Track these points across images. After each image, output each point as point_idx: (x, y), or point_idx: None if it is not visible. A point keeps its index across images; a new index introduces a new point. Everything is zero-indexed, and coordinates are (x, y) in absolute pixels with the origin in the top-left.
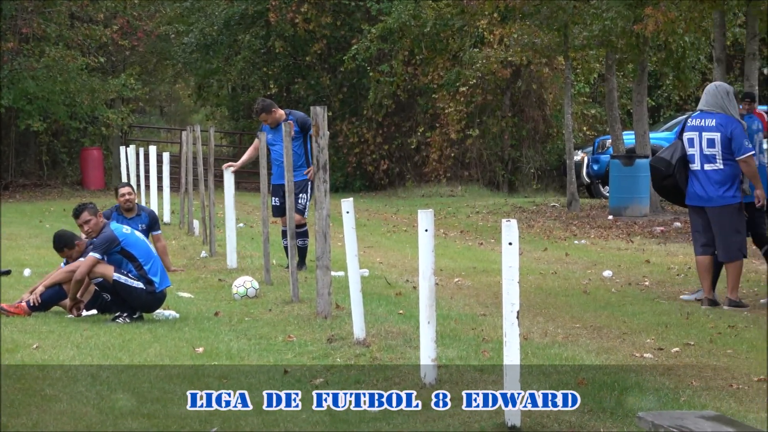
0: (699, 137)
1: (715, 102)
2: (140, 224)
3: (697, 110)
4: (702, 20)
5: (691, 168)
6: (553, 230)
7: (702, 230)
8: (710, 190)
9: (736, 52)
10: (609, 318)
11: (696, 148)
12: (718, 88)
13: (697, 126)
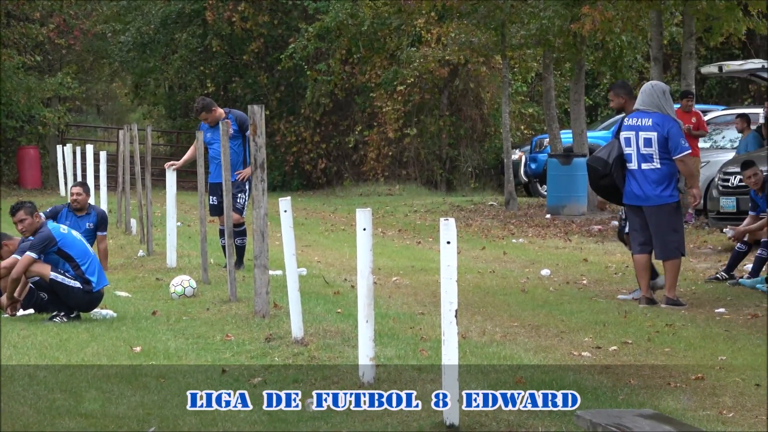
0: (636, 136)
1: (651, 101)
2: (88, 223)
3: (634, 109)
4: (639, 19)
5: (628, 167)
6: (491, 229)
7: (639, 229)
8: (648, 189)
9: (673, 51)
10: (547, 317)
11: (633, 147)
12: (654, 88)
13: (634, 125)
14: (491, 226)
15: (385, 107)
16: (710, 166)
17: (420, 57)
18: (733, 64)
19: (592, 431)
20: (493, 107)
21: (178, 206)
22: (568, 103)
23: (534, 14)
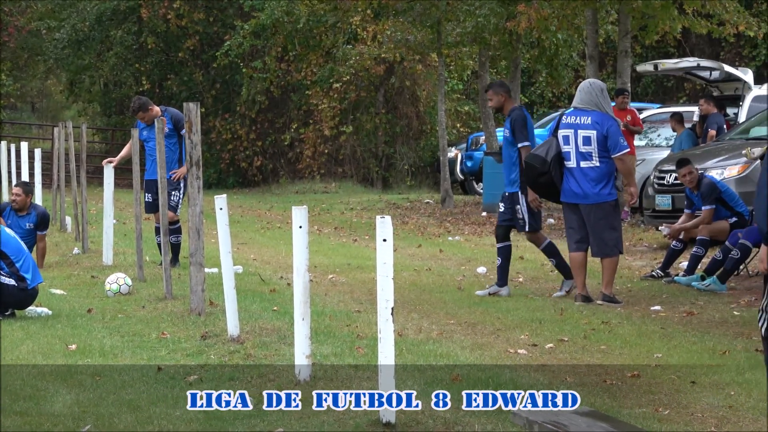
0: (574, 135)
1: (589, 99)
2: (28, 223)
3: (572, 107)
4: (575, 18)
5: (567, 165)
6: (427, 227)
7: (576, 227)
8: (586, 187)
9: (609, 49)
10: (483, 314)
11: (571, 145)
12: (592, 86)
13: (572, 123)
14: (427, 223)
15: (321, 105)
16: (646, 164)
17: (356, 55)
18: (669, 62)
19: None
20: (429, 105)
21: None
22: None
23: (470, 12)
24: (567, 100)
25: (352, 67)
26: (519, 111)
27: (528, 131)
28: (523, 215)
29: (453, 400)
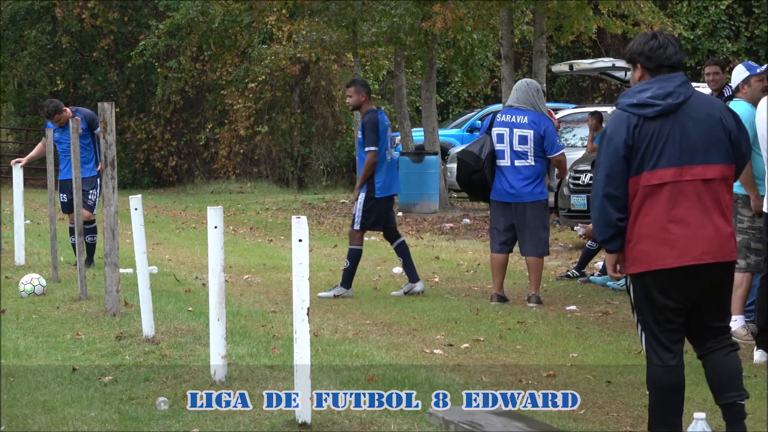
0: (510, 133)
1: (526, 99)
2: None
3: (507, 106)
4: (490, 18)
5: (500, 164)
6: (343, 227)
7: (503, 228)
8: (521, 186)
9: (524, 49)
10: (399, 314)
11: (506, 144)
12: (529, 85)
13: (508, 122)
14: (343, 224)
15: (236, 105)
16: None
17: (271, 54)
18: (584, 62)
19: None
20: (344, 105)
21: (27, 204)
22: (420, 101)
23: (385, 12)
24: (482, 100)
25: (267, 67)
26: (372, 114)
27: (378, 136)
28: (356, 213)
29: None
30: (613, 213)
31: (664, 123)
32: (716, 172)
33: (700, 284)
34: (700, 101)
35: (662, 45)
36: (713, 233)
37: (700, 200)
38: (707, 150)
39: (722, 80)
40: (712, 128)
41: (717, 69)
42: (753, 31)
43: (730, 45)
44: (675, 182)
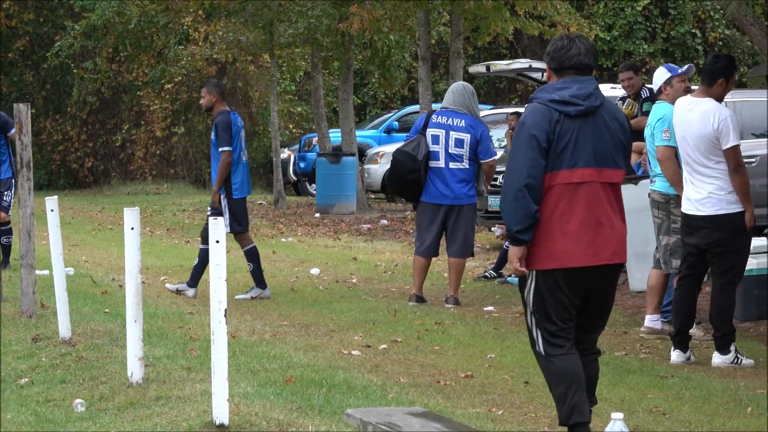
0: (446, 135)
1: (462, 102)
2: None
3: (442, 107)
4: (407, 19)
5: (433, 165)
6: (260, 228)
7: (430, 229)
8: (456, 188)
9: (441, 50)
10: (317, 315)
11: (441, 145)
12: (465, 89)
13: (444, 124)
14: (260, 224)
15: (152, 106)
16: None
17: (188, 55)
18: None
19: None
20: (261, 106)
21: None
22: (337, 102)
23: (302, 13)
24: (400, 101)
25: (183, 68)
26: (225, 115)
27: (232, 137)
28: (225, 216)
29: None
30: (532, 204)
31: (584, 123)
32: (620, 176)
33: (601, 283)
34: (609, 106)
35: (566, 47)
36: (620, 235)
37: (609, 202)
38: (615, 154)
39: (638, 83)
40: (618, 134)
41: (631, 74)
42: (669, 33)
43: (646, 46)
44: (592, 182)
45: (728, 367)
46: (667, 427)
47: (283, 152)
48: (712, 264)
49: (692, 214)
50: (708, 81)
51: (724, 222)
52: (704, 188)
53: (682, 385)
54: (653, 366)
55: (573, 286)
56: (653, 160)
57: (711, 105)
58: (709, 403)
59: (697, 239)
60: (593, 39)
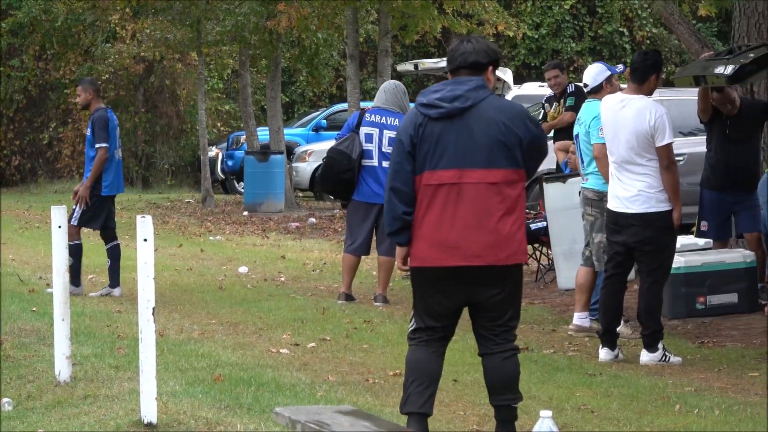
0: (380, 134)
1: (395, 101)
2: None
3: (375, 106)
4: (335, 17)
5: (367, 164)
6: (188, 226)
7: (361, 228)
8: None
9: (369, 48)
10: (245, 314)
11: (375, 144)
12: (397, 87)
13: (378, 122)
14: (188, 223)
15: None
16: None
17: (115, 53)
18: (429, 61)
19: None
20: (189, 104)
21: None
22: (265, 100)
23: (230, 11)
24: (328, 99)
25: (111, 66)
26: (102, 112)
27: (108, 133)
28: (75, 208)
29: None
30: (399, 206)
31: (448, 125)
32: (499, 176)
33: (471, 285)
34: (491, 106)
35: (456, 48)
36: (487, 236)
37: (481, 203)
38: (491, 155)
39: (564, 81)
40: (498, 133)
41: (557, 72)
42: (597, 31)
43: (574, 45)
44: (453, 184)
45: (656, 365)
46: (596, 425)
47: (210, 150)
48: (640, 262)
49: (621, 211)
50: (640, 78)
51: (654, 220)
52: (634, 186)
53: (611, 383)
54: (581, 364)
55: (434, 286)
56: (586, 157)
57: (646, 102)
58: (638, 401)
59: (626, 237)
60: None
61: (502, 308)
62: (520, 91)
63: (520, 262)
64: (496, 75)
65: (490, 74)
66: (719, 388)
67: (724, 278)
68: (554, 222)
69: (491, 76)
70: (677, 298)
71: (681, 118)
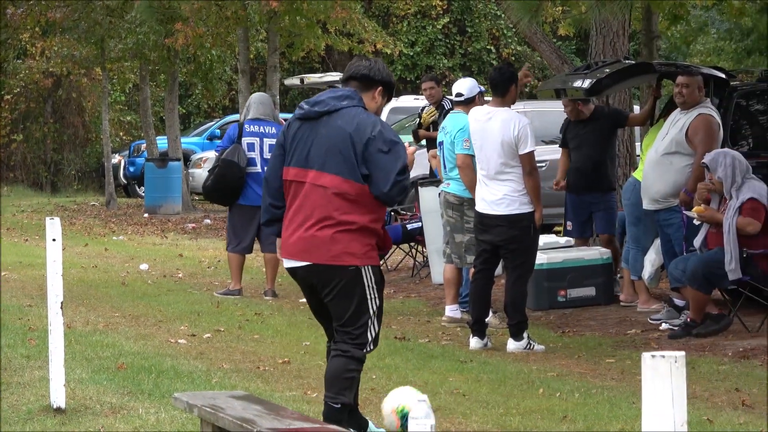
0: (260, 143)
1: (266, 111)
2: None
3: (252, 118)
4: (228, 35)
5: (251, 171)
6: (93, 227)
7: (247, 230)
8: None
9: (259, 64)
10: (146, 307)
11: (257, 152)
12: (268, 99)
13: (258, 132)
14: (93, 224)
15: None
16: None
17: (25, 69)
18: (314, 76)
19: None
20: (94, 115)
21: None
22: (164, 111)
23: (131, 30)
24: (221, 110)
25: (22, 80)
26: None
27: None
28: None
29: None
30: (266, 198)
31: (305, 126)
32: (329, 181)
33: (307, 284)
34: (346, 116)
35: (355, 62)
36: (311, 237)
37: (312, 204)
38: (326, 159)
39: (438, 94)
40: (339, 142)
41: (432, 83)
42: (467, 49)
43: (446, 61)
44: (296, 182)
45: (522, 353)
46: (467, 407)
47: (114, 157)
48: (506, 259)
49: (488, 213)
50: (502, 91)
51: (517, 221)
52: (500, 190)
53: (480, 369)
54: (454, 352)
55: (296, 281)
56: (449, 164)
57: (511, 114)
58: (505, 385)
59: (492, 236)
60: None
61: (336, 310)
62: (397, 104)
63: (344, 264)
64: (383, 100)
65: (377, 95)
66: (579, 373)
67: (582, 273)
68: (428, 222)
69: (378, 97)
70: (540, 292)
71: (543, 127)
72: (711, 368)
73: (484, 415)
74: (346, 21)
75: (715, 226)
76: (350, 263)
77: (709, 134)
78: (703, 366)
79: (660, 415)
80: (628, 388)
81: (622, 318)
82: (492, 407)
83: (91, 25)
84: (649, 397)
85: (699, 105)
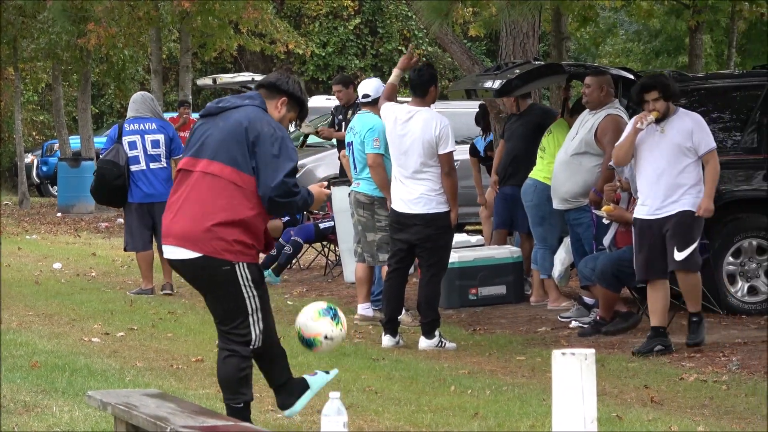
0: (142, 140)
1: (146, 108)
2: None
3: (130, 117)
4: (140, 36)
5: (135, 169)
6: (6, 226)
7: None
8: (159, 186)
9: (172, 64)
10: (60, 306)
11: (139, 149)
12: (144, 97)
13: (138, 130)
14: (6, 223)
15: None
16: None
17: None
18: (226, 76)
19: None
20: (7, 115)
21: None
22: (76, 111)
23: (44, 30)
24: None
25: None
26: None
27: None
28: None
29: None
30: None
31: (206, 122)
32: (219, 169)
33: (185, 274)
34: (245, 112)
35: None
36: (190, 225)
37: (196, 192)
38: (218, 149)
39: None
40: (232, 134)
41: (340, 87)
42: (378, 49)
43: (358, 62)
44: (185, 170)
45: (433, 350)
46: (380, 405)
47: (27, 157)
48: (420, 257)
49: (404, 212)
50: (421, 93)
51: (434, 220)
52: (417, 189)
53: (393, 367)
54: (366, 350)
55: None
56: (359, 164)
57: (432, 113)
58: (417, 383)
59: (408, 235)
60: (309, 55)
61: (213, 307)
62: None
63: (217, 257)
64: (287, 113)
65: (280, 105)
66: (490, 371)
67: (493, 272)
68: (340, 222)
69: (282, 108)
70: (452, 290)
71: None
72: (620, 365)
73: (396, 413)
74: (257, 21)
75: (624, 225)
76: (222, 257)
77: (617, 134)
78: (613, 363)
79: (570, 411)
80: (538, 386)
81: (533, 316)
82: (404, 404)
83: (4, 25)
84: (559, 394)
85: (607, 106)
